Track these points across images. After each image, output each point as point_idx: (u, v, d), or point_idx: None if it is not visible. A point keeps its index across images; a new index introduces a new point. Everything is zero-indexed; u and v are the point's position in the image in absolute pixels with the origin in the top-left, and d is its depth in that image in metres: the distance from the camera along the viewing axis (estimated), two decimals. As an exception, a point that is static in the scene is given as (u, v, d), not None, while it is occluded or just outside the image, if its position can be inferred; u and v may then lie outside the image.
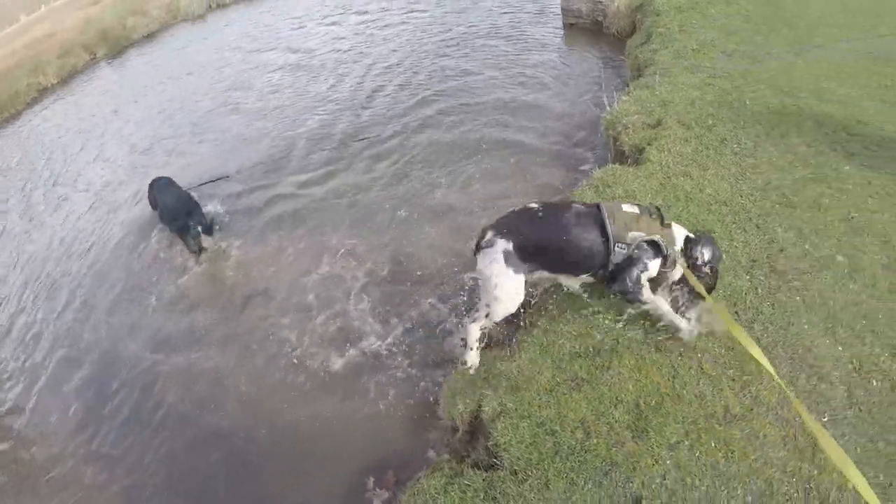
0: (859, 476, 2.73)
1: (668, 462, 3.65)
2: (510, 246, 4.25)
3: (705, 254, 4.22)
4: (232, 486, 5.24)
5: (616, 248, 4.16)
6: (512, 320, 5.18)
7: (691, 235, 4.34)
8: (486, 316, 4.64)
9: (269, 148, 10.22)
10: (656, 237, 4.16)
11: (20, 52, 24.54)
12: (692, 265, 4.22)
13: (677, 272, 4.29)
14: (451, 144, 8.90)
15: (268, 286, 7.20)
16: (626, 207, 4.30)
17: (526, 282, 4.46)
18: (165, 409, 6.04)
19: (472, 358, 4.83)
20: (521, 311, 5.03)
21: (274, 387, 5.91)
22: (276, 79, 13.51)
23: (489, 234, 4.35)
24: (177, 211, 8.03)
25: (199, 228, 7.90)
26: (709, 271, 4.24)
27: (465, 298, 6.07)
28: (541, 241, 4.30)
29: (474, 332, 4.76)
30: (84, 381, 6.70)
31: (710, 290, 4.22)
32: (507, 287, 4.36)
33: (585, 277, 4.47)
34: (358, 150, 9.44)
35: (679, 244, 4.26)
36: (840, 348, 4.11)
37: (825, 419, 3.72)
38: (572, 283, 4.68)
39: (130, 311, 7.44)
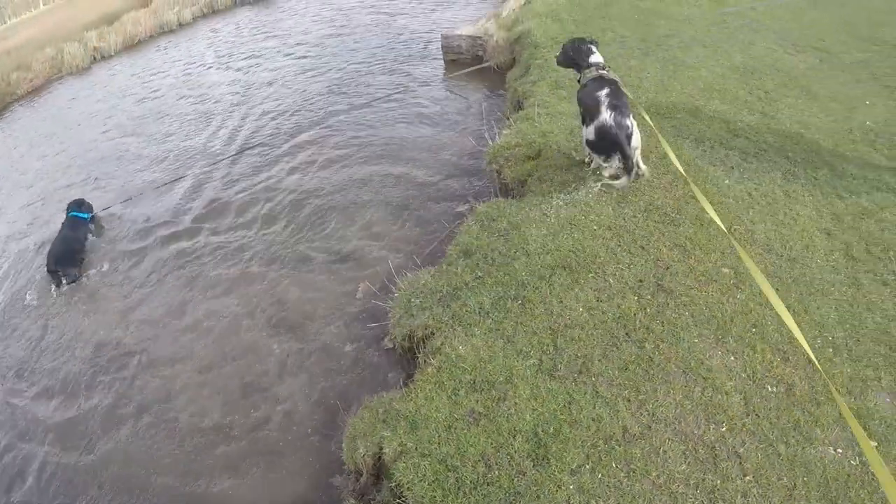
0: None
1: (571, 487, 3.57)
2: None
3: None
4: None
5: None
6: (408, 360, 5.19)
7: None
8: None
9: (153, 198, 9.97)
10: None
11: None
12: None
13: None
14: (343, 182, 8.87)
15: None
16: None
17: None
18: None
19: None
20: (417, 351, 4.99)
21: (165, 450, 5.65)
22: (165, 126, 13.29)
23: None
24: (54, 254, 8.65)
25: (64, 280, 8.41)
26: None
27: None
28: None
29: None
30: None
31: None
32: None
33: None
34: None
35: None
36: (732, 358, 4.14)
37: (723, 429, 3.71)
38: None
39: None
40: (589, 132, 5.85)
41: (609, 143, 5.74)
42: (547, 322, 4.63)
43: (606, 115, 5.65)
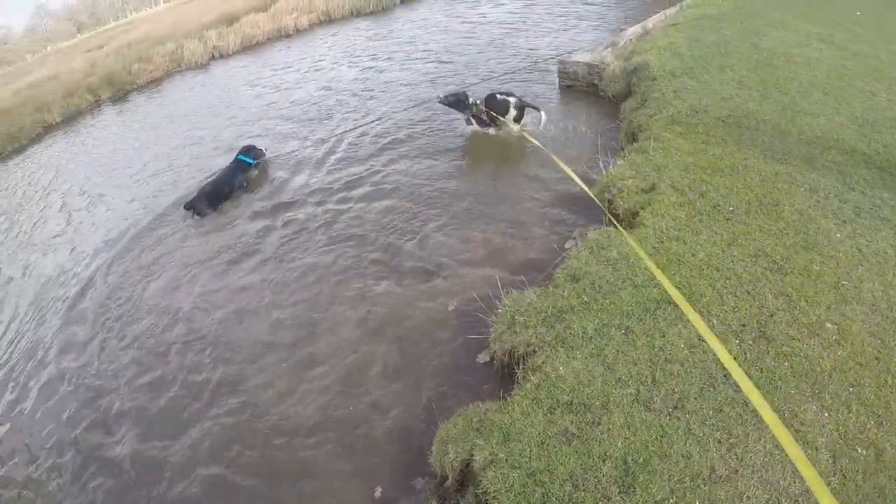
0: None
1: (654, 519, 3.68)
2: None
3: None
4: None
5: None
6: (508, 375, 5.34)
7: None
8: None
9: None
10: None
11: (24, 90, 25.35)
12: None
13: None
14: (451, 193, 9.17)
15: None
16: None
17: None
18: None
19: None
20: (516, 367, 5.15)
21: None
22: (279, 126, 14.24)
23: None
24: (198, 190, 10.81)
25: (196, 215, 10.49)
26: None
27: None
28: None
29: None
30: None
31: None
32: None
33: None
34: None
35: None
36: (826, 415, 4.14)
37: (808, 484, 3.75)
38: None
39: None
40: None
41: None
42: (648, 354, 4.73)
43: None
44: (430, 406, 5.68)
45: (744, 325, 4.88)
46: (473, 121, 10.69)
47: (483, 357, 5.94)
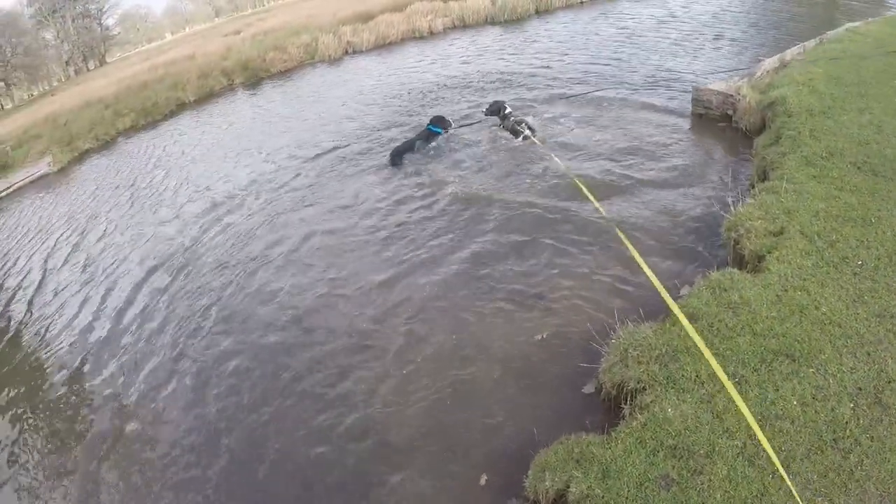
0: None
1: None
2: None
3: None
4: None
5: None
6: (611, 408, 5.43)
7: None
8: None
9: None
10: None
11: (162, 67, 26.65)
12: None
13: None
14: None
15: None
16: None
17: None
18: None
19: None
20: (623, 402, 5.23)
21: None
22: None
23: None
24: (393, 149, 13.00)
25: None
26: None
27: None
28: None
29: None
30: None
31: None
32: None
33: None
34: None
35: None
36: None
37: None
38: None
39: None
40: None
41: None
42: (759, 408, 4.75)
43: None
44: (531, 429, 5.77)
45: (860, 389, 4.82)
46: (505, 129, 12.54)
47: (589, 388, 6.03)
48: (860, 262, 6.16)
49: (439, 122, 12.99)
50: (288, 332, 8.00)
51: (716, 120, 11.44)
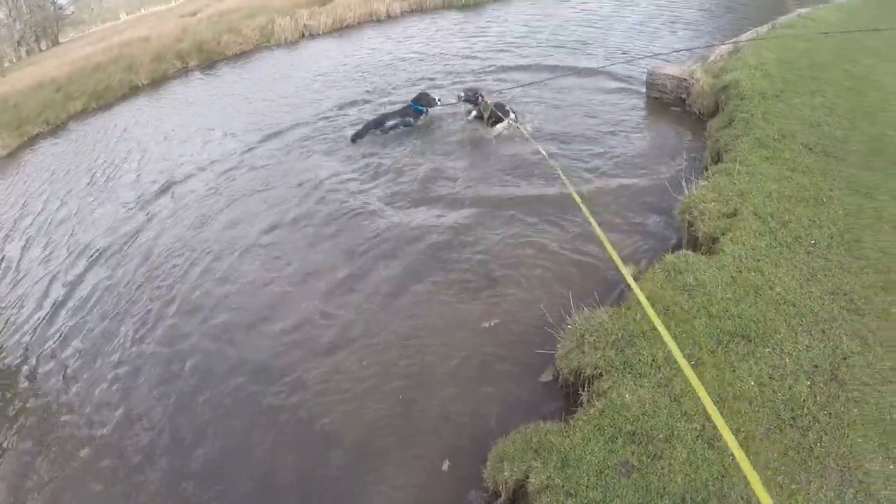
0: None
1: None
2: None
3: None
4: None
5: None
6: (569, 395, 5.43)
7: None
8: None
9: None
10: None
11: (116, 49, 26.29)
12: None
13: None
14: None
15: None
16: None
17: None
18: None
19: None
20: (581, 389, 5.21)
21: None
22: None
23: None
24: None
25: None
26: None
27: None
28: None
29: None
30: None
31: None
32: None
33: None
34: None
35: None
36: (892, 467, 4.10)
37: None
38: None
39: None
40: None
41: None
42: (717, 389, 4.75)
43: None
44: (490, 419, 5.75)
45: (816, 366, 4.85)
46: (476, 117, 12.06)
47: (546, 376, 6.00)
48: (813, 242, 6.21)
49: (422, 100, 12.55)
50: (237, 323, 7.86)
51: (670, 104, 11.48)
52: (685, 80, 11.22)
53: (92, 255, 10.65)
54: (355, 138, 12.46)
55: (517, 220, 8.59)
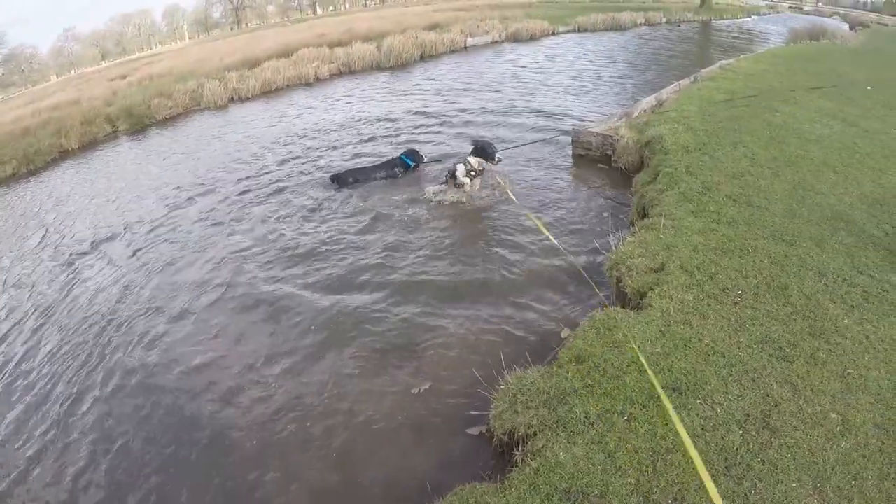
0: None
1: None
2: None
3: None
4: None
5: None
6: (506, 456, 5.32)
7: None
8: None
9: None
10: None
11: (45, 112, 26.03)
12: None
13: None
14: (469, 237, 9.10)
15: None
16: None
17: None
18: None
19: None
20: (515, 448, 5.14)
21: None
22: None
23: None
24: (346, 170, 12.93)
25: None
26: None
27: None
28: None
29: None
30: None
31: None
32: None
33: None
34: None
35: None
36: None
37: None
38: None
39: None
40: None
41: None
42: (650, 443, 4.71)
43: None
44: (425, 482, 5.54)
45: (748, 415, 4.85)
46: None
47: (473, 431, 5.90)
48: (740, 292, 6.29)
49: (413, 155, 12.76)
50: (170, 395, 7.51)
51: (596, 160, 11.66)
52: (610, 136, 11.43)
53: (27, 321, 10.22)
54: (335, 180, 12.50)
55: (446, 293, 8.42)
